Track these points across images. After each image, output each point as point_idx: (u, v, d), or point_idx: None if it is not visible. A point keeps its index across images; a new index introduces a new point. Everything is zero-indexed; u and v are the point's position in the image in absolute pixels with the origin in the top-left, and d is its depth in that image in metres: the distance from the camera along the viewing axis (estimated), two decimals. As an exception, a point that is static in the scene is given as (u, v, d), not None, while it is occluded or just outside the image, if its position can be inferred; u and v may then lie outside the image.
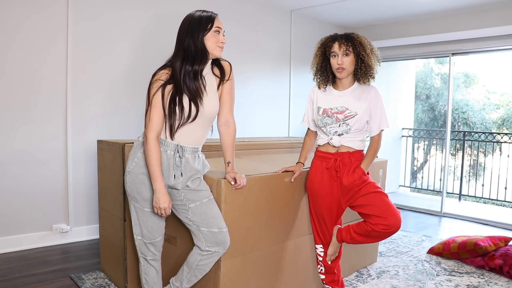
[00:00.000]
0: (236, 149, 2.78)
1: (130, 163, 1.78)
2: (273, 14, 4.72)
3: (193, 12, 1.77)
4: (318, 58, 2.06)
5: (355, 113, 1.98)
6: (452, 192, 6.26)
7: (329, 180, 2.06)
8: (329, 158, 2.05)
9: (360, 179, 2.01)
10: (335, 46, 1.96)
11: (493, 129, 8.09)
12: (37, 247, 3.15)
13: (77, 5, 3.23)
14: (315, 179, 2.10)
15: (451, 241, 3.19)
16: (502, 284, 2.67)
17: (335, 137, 2.02)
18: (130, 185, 1.78)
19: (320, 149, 2.12)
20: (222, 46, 1.78)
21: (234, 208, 1.89)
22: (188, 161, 1.77)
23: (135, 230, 1.84)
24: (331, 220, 2.15)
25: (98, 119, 3.41)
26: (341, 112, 2.00)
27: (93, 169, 3.35)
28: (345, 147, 2.03)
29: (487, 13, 4.40)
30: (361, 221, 2.05)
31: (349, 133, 2.01)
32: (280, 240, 2.18)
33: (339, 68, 1.96)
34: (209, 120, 1.80)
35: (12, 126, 3.02)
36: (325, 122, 2.03)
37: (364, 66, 1.95)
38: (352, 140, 2.02)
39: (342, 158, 2.03)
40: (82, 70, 3.30)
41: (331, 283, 2.24)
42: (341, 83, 2.04)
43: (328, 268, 2.22)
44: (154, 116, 1.67)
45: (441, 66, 8.56)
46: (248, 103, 4.54)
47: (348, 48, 1.94)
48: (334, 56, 1.97)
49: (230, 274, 1.93)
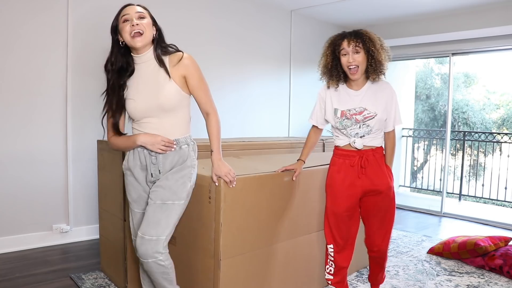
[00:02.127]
0: (236, 149, 2.80)
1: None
2: (273, 14, 4.72)
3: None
4: (327, 57, 1.98)
5: (374, 114, 1.93)
6: (452, 192, 6.25)
7: (353, 177, 1.99)
8: (353, 155, 1.99)
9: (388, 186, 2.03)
10: (344, 43, 1.90)
11: (493, 129, 8.08)
12: (37, 247, 3.15)
13: (77, 5, 3.23)
14: (338, 177, 2.03)
15: (451, 241, 3.19)
16: (502, 284, 2.67)
17: (357, 140, 1.96)
18: (125, 186, 1.84)
19: (341, 148, 2.04)
20: (135, 34, 1.65)
21: (233, 207, 1.89)
22: (167, 156, 1.72)
23: (132, 230, 1.87)
24: (348, 220, 2.06)
25: (98, 119, 3.39)
26: (360, 113, 1.93)
27: (93, 169, 3.35)
28: (367, 146, 1.99)
29: (487, 13, 4.40)
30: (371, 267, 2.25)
31: (370, 134, 1.96)
32: (280, 239, 2.18)
33: (351, 66, 1.89)
34: (164, 110, 1.71)
35: (13, 126, 3.02)
36: (344, 124, 1.97)
37: (374, 62, 1.89)
38: (374, 138, 1.99)
39: (367, 155, 1.98)
40: (82, 70, 3.30)
41: (336, 284, 2.15)
42: (355, 82, 1.97)
43: (338, 269, 2.12)
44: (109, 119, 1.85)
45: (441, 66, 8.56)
46: (248, 103, 4.54)
47: (358, 45, 1.87)
48: (345, 54, 1.90)
49: (229, 273, 1.93)
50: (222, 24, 4.24)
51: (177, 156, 1.75)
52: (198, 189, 1.94)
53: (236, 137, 3.81)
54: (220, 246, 1.86)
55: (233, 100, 4.41)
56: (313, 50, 5.20)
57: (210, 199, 1.89)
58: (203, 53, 4.02)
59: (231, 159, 2.52)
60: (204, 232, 1.93)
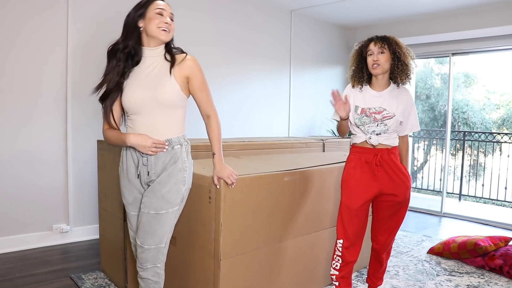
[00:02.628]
0: (236, 149, 2.80)
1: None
2: (273, 14, 4.72)
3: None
4: (354, 58, 2.15)
5: (393, 114, 2.05)
6: (452, 192, 6.25)
7: (369, 174, 2.09)
8: (368, 153, 2.09)
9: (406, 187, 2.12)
10: (371, 45, 2.06)
11: (493, 129, 8.08)
12: (37, 247, 3.15)
13: (77, 5, 3.23)
14: (354, 173, 2.11)
15: (451, 241, 3.19)
16: (502, 284, 2.67)
17: (373, 137, 2.07)
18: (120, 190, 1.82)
19: (357, 145, 2.15)
20: (167, 27, 1.68)
21: (233, 207, 1.89)
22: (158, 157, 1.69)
23: (129, 233, 1.84)
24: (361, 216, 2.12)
25: (98, 119, 3.41)
26: (379, 112, 2.06)
27: (93, 169, 3.35)
28: (382, 144, 2.09)
29: (487, 13, 4.40)
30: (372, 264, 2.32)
31: (386, 132, 2.08)
32: (280, 239, 2.18)
33: (374, 64, 2.03)
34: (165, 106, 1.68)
35: (13, 126, 3.02)
36: (363, 121, 2.08)
37: (401, 64, 2.03)
38: (389, 138, 2.10)
39: (382, 153, 2.08)
40: (82, 70, 3.30)
41: (341, 279, 2.18)
42: (378, 83, 2.11)
43: (345, 264, 2.15)
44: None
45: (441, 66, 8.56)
46: (248, 103, 4.54)
47: (383, 46, 2.03)
48: (370, 54, 2.06)
49: (230, 273, 1.93)
50: (222, 24, 4.24)
51: (168, 157, 1.70)
52: (198, 189, 1.94)
53: (236, 137, 3.81)
54: (220, 246, 1.86)
55: (233, 100, 4.41)
56: (313, 50, 5.21)
57: (210, 199, 1.89)
58: (203, 53, 4.02)
59: (231, 159, 2.52)
60: (204, 232, 1.93)
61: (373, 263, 2.31)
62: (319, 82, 5.26)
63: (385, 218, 2.17)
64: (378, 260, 2.28)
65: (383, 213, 2.17)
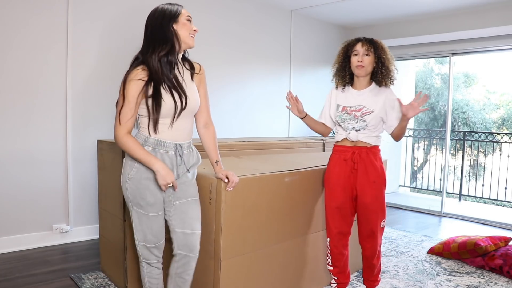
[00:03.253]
0: (236, 149, 2.80)
1: (129, 170, 1.73)
2: (273, 14, 4.72)
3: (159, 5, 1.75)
4: (339, 57, 2.20)
5: (372, 110, 2.10)
6: (452, 192, 6.25)
7: (346, 172, 2.14)
8: (347, 151, 2.16)
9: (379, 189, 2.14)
10: (358, 45, 2.10)
11: (493, 129, 8.09)
12: (37, 247, 3.15)
13: (77, 5, 3.23)
14: (333, 172, 2.19)
15: (451, 241, 3.19)
16: (502, 284, 2.67)
17: (352, 132, 2.13)
18: (133, 191, 1.73)
19: (338, 144, 2.22)
20: (195, 34, 1.76)
21: (234, 208, 1.89)
22: (187, 157, 1.79)
23: (137, 236, 1.78)
24: (343, 213, 2.20)
25: (98, 119, 3.41)
26: (359, 109, 2.12)
27: (93, 169, 3.35)
28: (362, 142, 2.13)
29: (487, 13, 4.40)
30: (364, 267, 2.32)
31: (366, 129, 2.12)
32: (280, 239, 2.18)
33: (359, 65, 2.07)
34: (193, 112, 1.79)
35: (12, 126, 3.02)
36: (343, 118, 2.15)
37: (384, 69, 2.08)
38: (369, 135, 2.13)
39: (360, 152, 2.12)
40: (82, 70, 3.30)
41: (338, 275, 2.31)
42: (359, 83, 2.16)
43: (336, 259, 2.26)
44: (128, 113, 1.63)
45: (441, 66, 8.56)
46: (248, 103, 4.54)
47: (369, 49, 2.08)
48: (356, 54, 2.10)
49: (230, 274, 1.93)
50: (222, 24, 4.24)
51: (195, 156, 1.84)
52: (199, 189, 1.94)
53: (236, 137, 3.81)
54: (220, 247, 1.86)
55: (233, 100, 4.41)
56: (313, 50, 5.21)
57: (210, 200, 1.89)
58: (203, 53, 4.01)
59: (231, 159, 2.52)
60: (204, 233, 1.92)
61: (365, 269, 2.33)
62: (319, 82, 5.26)
63: (363, 223, 2.19)
64: (368, 266, 2.29)
65: (361, 216, 2.19)
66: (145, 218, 1.75)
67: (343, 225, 2.21)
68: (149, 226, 1.76)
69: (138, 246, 1.80)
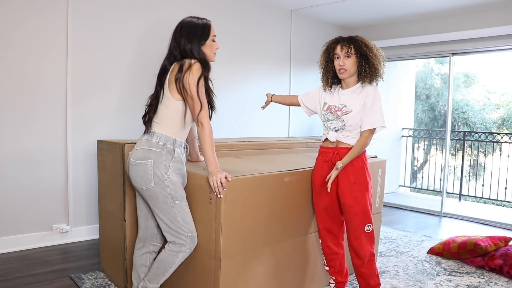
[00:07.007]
0: (236, 149, 2.79)
1: (164, 169, 1.83)
2: (273, 14, 4.72)
3: (189, 20, 1.90)
4: (321, 60, 2.16)
5: (350, 110, 2.05)
6: (452, 192, 6.26)
7: (328, 173, 2.11)
8: (328, 152, 2.15)
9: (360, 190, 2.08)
10: (338, 48, 2.04)
11: (493, 129, 8.09)
12: (37, 247, 3.15)
13: (77, 5, 3.23)
14: (317, 173, 2.20)
15: (451, 241, 3.19)
16: (502, 284, 2.67)
17: (331, 132, 2.11)
18: (174, 187, 1.85)
19: (321, 145, 2.22)
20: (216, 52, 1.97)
21: (234, 207, 1.89)
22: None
23: (186, 228, 1.88)
24: (330, 214, 2.19)
25: (98, 119, 3.41)
26: (340, 109, 2.08)
27: (93, 169, 3.35)
28: (342, 143, 2.10)
29: (487, 13, 4.40)
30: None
31: (344, 129, 2.08)
32: (280, 239, 2.18)
33: (341, 69, 2.04)
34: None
35: (12, 126, 3.02)
36: (327, 117, 2.13)
37: (369, 67, 2.01)
38: (348, 136, 2.09)
39: (340, 152, 2.10)
40: (82, 70, 3.30)
41: (334, 274, 2.31)
42: (346, 83, 2.12)
43: (330, 258, 2.26)
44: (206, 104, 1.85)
45: (441, 66, 8.56)
46: (249, 103, 4.54)
47: (349, 50, 2.01)
48: (337, 58, 2.06)
49: (230, 273, 1.93)
50: (222, 24, 4.24)
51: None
52: (199, 189, 1.94)
53: (236, 137, 3.81)
54: (220, 246, 1.86)
55: (233, 100, 4.41)
56: (313, 50, 5.20)
57: (210, 200, 1.89)
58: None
59: (231, 159, 2.52)
60: (204, 233, 1.93)
61: (357, 278, 2.20)
62: (319, 82, 5.24)
63: (347, 225, 2.13)
64: (358, 274, 2.16)
65: (345, 219, 2.14)
66: (187, 208, 1.90)
67: (332, 225, 2.21)
68: (191, 215, 1.91)
69: (186, 238, 1.87)
